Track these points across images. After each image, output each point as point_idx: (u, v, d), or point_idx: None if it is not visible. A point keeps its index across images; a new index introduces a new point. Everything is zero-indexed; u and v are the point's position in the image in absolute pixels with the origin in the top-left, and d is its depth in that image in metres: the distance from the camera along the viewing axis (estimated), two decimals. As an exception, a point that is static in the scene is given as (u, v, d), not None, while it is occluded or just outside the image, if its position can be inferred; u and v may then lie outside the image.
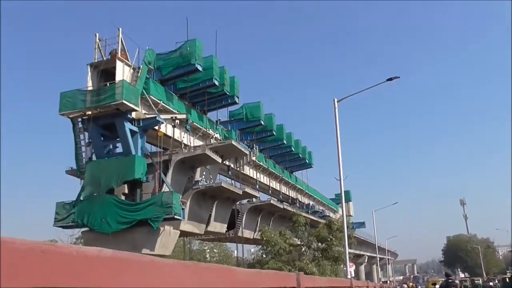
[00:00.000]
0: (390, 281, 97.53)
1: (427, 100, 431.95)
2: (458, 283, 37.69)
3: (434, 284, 41.45)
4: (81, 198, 27.95)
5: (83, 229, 28.73)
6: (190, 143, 33.80)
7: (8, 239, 1.81)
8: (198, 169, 33.27)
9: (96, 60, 28.64)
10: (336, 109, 25.29)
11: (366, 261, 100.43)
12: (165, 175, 29.32)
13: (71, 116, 28.37)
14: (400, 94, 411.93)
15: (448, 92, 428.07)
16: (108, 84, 27.74)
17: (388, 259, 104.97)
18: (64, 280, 2.03)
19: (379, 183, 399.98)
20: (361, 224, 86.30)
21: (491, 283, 64.19)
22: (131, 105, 27.23)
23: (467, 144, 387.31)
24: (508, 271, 76.34)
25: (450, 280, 21.85)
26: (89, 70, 28.30)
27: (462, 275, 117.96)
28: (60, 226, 28.74)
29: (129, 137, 28.11)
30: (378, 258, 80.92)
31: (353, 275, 28.11)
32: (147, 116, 29.46)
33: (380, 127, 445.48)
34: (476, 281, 61.59)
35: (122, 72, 28.27)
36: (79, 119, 28.73)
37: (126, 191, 28.85)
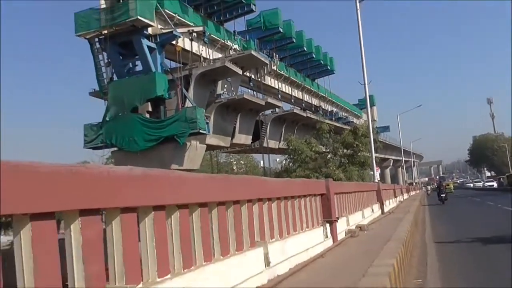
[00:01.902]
0: (415, 183, 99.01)
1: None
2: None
3: (448, 185, 48.33)
4: (107, 118, 28.41)
5: (112, 149, 29.44)
6: (209, 56, 33.39)
7: (36, 163, 1.83)
8: (220, 82, 33.18)
9: (107, -24, 27.95)
10: (359, 10, 24.38)
11: (391, 164, 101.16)
12: (187, 90, 29.39)
13: (87, 36, 28.25)
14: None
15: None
16: (121, 1, 27.22)
17: (413, 161, 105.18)
18: (97, 200, 2.07)
19: (403, 86, 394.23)
20: (386, 128, 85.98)
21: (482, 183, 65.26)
22: (147, 21, 26.94)
23: (494, 36, 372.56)
24: None
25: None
26: (100, -13, 27.74)
27: (488, 174, 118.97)
28: (90, 148, 29.42)
29: (147, 54, 27.98)
30: (403, 161, 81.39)
31: (379, 179, 27.71)
32: (164, 31, 29.04)
33: (404, 22, 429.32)
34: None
35: (135, -13, 27.57)
36: (96, 39, 28.56)
37: (150, 109, 29.40)
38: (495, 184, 69.65)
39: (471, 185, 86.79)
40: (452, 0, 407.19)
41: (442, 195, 32.79)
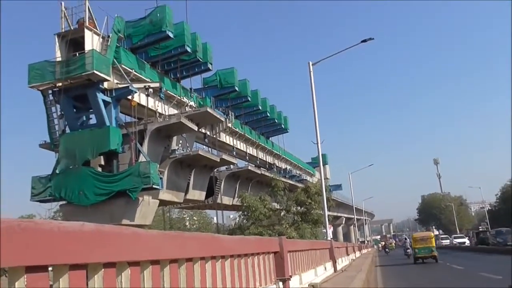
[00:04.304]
0: (367, 241, 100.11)
1: (401, 61, 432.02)
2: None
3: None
4: (57, 171, 27.85)
5: (61, 203, 28.73)
6: (165, 111, 33.57)
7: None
8: (174, 138, 33.27)
9: (63, 30, 28.05)
10: (311, 73, 24.62)
11: (343, 222, 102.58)
12: (141, 145, 29.29)
13: (41, 88, 27.95)
14: (378, 56, 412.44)
15: (418, 53, 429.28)
16: (77, 54, 27.28)
17: (365, 219, 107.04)
18: (46, 257, 1.99)
19: (354, 147, 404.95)
20: (338, 187, 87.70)
21: (458, 240, 62.71)
22: (103, 75, 26.94)
23: (440, 103, 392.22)
24: (480, 227, 78.55)
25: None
26: (56, 40, 27.76)
27: (436, 232, 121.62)
28: (37, 201, 28.72)
29: (102, 108, 27.86)
30: (355, 219, 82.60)
31: (331, 237, 28.32)
32: (120, 85, 29.19)
33: (355, 90, 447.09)
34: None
35: (91, 41, 27.81)
36: (50, 91, 28.34)
37: (103, 162, 28.91)
38: (467, 241, 61.31)
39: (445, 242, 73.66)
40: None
41: (408, 251, 32.63)
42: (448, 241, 67.08)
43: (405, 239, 35.55)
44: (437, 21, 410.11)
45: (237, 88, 43.48)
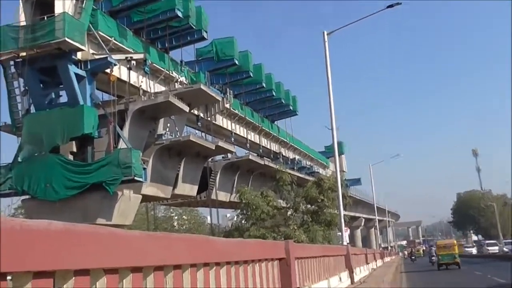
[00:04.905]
0: (391, 247, 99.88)
1: (438, 32, 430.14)
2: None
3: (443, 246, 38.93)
4: (19, 159, 27.71)
5: (23, 197, 28.68)
6: (150, 88, 33.53)
7: None
8: (161, 121, 33.20)
9: (29, -11, 27.70)
10: (326, 43, 25.29)
11: (362, 224, 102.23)
12: (122, 128, 29.25)
13: (1, 58, 27.77)
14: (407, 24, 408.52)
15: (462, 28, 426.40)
16: (45, 18, 26.99)
17: (388, 221, 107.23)
18: (5, 263, 1.91)
19: (377, 134, 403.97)
20: (357, 181, 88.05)
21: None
22: (76, 43, 26.63)
23: (482, 87, 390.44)
24: None
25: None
26: (20, 1, 27.56)
27: (475, 238, 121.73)
28: (-5, 195, 28.56)
29: (75, 83, 27.66)
30: (377, 220, 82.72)
31: (348, 241, 28.37)
32: (96, 56, 29.10)
33: (379, 66, 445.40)
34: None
35: (63, 3, 27.45)
36: (11, 62, 28.19)
37: (75, 149, 28.91)
38: (498, 249, 61.31)
39: (473, 250, 72.88)
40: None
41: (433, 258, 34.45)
42: (497, 247, 65.07)
43: (431, 247, 39.20)
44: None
45: (236, 61, 43.23)
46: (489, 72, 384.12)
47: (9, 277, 2.08)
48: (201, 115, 38.82)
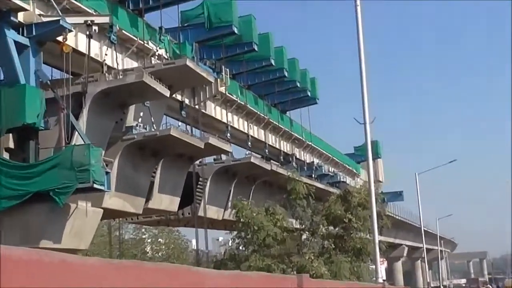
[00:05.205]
0: (444, 286, 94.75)
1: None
2: None
3: None
4: None
5: None
6: (118, 64, 31.70)
7: None
8: (132, 108, 31.36)
9: None
10: (359, 7, 24.82)
11: (405, 254, 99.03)
12: (77, 117, 27.65)
13: None
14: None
15: None
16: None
17: (441, 251, 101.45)
18: None
19: (424, 131, 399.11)
20: (398, 196, 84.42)
21: None
22: (16, 1, 25.49)
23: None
24: None
25: None
26: None
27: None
28: None
29: (14, 55, 26.08)
30: (424, 250, 76.69)
31: (384, 278, 29.10)
32: (44, 19, 27.54)
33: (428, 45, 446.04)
34: None
35: None
36: None
37: (12, 145, 27.29)
38: None
39: None
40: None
41: None
42: None
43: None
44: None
45: (236, 29, 40.22)
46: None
47: None
48: (187, 101, 37.11)
